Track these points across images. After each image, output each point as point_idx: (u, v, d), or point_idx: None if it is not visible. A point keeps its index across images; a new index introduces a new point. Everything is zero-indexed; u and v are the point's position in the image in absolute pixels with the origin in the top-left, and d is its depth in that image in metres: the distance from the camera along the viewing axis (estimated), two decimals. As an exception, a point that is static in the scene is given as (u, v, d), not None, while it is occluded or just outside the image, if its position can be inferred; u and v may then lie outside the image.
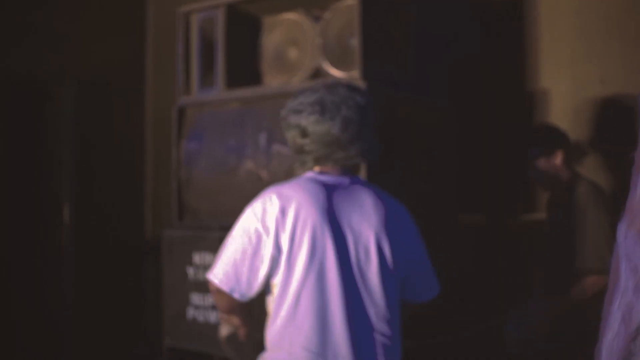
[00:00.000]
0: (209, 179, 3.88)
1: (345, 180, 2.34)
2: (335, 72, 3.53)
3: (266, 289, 2.30)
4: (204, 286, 3.81)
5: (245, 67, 3.92)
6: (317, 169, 2.37)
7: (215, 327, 3.76)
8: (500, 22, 4.31)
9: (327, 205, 2.23)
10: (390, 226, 2.29)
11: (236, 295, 2.25)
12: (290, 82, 3.70)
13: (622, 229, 1.49)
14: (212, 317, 3.78)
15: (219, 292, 2.29)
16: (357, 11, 3.39)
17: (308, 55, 3.66)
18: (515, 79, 4.22)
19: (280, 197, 2.27)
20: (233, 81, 3.88)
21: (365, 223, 2.26)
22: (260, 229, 2.23)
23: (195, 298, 3.86)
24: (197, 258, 3.85)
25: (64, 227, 5.68)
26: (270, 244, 2.21)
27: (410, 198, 3.56)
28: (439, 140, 3.83)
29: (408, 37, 3.75)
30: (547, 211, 3.49)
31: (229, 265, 2.25)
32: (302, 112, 2.30)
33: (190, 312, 3.89)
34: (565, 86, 4.05)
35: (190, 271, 3.89)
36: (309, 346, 2.15)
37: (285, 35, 3.84)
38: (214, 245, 3.77)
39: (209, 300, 3.79)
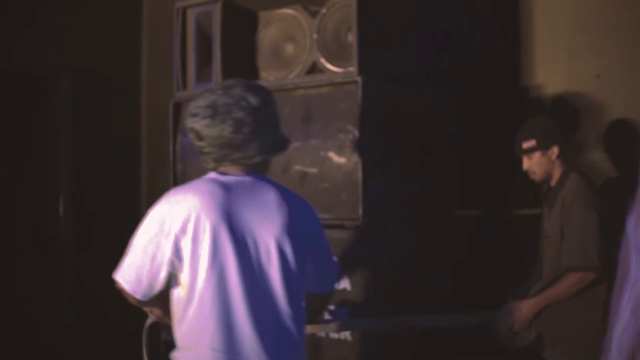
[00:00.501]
0: (206, 174, 3.88)
1: (247, 179, 2.37)
2: (332, 68, 3.53)
3: (175, 286, 2.33)
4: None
5: (241, 62, 3.92)
6: (221, 169, 2.41)
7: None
8: (496, 17, 4.32)
9: (226, 206, 2.26)
10: (293, 223, 2.32)
11: (138, 297, 2.31)
12: (287, 78, 3.70)
13: (631, 222, 1.49)
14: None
15: (124, 291, 2.35)
16: (354, 6, 3.39)
17: (305, 50, 3.66)
18: (511, 74, 4.23)
19: (180, 200, 2.30)
20: (229, 76, 3.86)
21: (266, 222, 2.29)
22: (160, 233, 2.25)
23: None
24: (195, 253, 3.86)
25: (59, 220, 5.69)
26: (169, 247, 2.24)
27: (408, 192, 3.60)
28: (438, 135, 3.84)
29: (406, 32, 3.75)
30: (543, 205, 3.51)
31: (132, 268, 2.30)
32: (197, 116, 2.34)
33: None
34: (561, 81, 4.06)
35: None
36: (215, 345, 2.20)
37: (282, 31, 3.84)
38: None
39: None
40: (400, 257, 3.34)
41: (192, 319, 2.24)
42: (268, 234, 2.28)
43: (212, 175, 2.40)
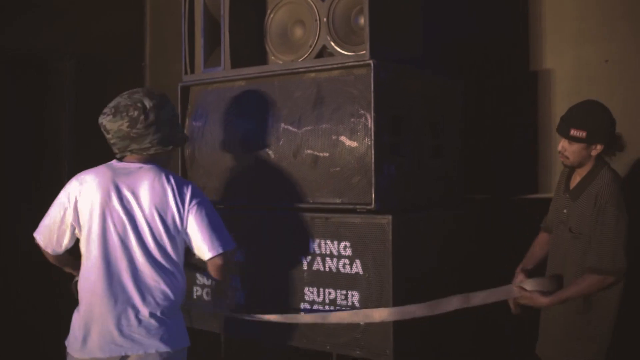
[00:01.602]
0: (215, 158, 3.87)
1: (134, 165, 2.99)
2: (342, 51, 3.52)
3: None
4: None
5: (250, 46, 3.90)
6: (125, 158, 3.03)
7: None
8: (505, 2, 4.31)
9: (111, 185, 2.92)
10: (162, 201, 2.92)
11: (49, 251, 3.03)
12: (296, 61, 3.69)
13: None
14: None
15: (40, 247, 3.05)
16: (364, -11, 3.37)
17: (314, 33, 3.64)
18: (520, 59, 4.22)
19: (80, 178, 2.98)
20: (238, 60, 3.86)
21: (143, 198, 2.91)
22: (66, 202, 2.95)
23: (201, 277, 3.86)
24: (203, 237, 3.85)
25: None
26: (70, 214, 2.94)
27: (419, 176, 3.60)
28: (447, 118, 3.84)
29: (416, 15, 3.74)
30: (558, 191, 3.45)
31: (45, 228, 3.01)
32: (104, 114, 2.97)
33: (196, 291, 3.90)
34: (570, 66, 4.06)
35: (196, 250, 3.89)
36: (96, 290, 2.87)
37: (291, 14, 3.82)
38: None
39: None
40: (411, 241, 3.34)
41: (83, 273, 2.94)
42: (138, 207, 2.91)
43: (112, 161, 3.04)
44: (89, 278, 2.90)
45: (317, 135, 3.46)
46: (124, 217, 2.90)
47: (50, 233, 2.99)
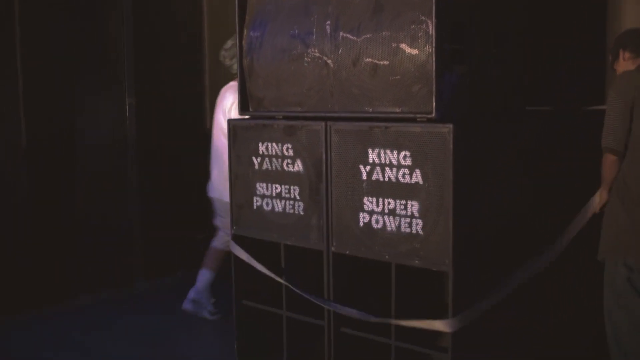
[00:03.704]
0: (273, 68, 3.84)
1: None
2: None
3: None
4: (270, 175, 3.84)
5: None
6: None
7: (280, 215, 3.82)
8: None
9: None
10: None
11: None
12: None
13: None
14: (278, 206, 3.82)
15: None
16: None
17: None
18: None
19: None
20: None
21: None
22: None
23: (261, 187, 3.89)
24: (262, 148, 3.86)
25: (126, 120, 5.76)
26: None
27: (481, 85, 3.51)
28: (511, 26, 3.71)
29: None
30: None
31: None
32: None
33: (256, 202, 3.93)
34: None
35: (256, 160, 3.91)
36: None
37: None
38: (279, 134, 3.78)
39: (275, 189, 3.82)
40: (472, 150, 3.28)
41: None
42: None
43: None
44: None
45: (377, 43, 3.38)
46: None
47: None
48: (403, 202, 3.32)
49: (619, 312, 3.27)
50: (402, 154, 3.30)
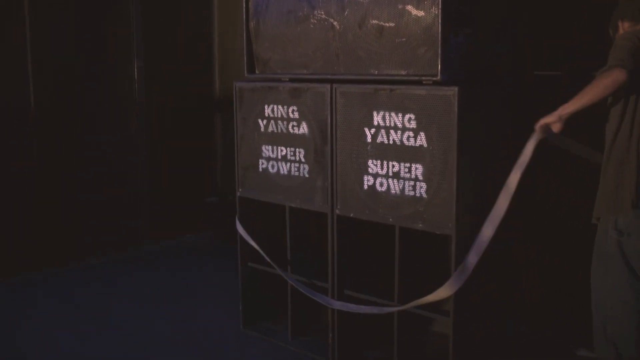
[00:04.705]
0: (279, 30, 3.81)
1: None
2: None
3: None
4: (275, 138, 3.84)
5: None
6: None
7: (285, 178, 3.83)
8: None
9: None
10: None
11: None
12: None
13: None
14: (283, 168, 3.83)
15: None
16: None
17: None
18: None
19: None
20: None
21: None
22: None
23: (266, 150, 3.89)
24: (268, 110, 3.86)
25: (134, 82, 5.76)
26: None
27: (488, 48, 3.48)
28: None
29: None
30: None
31: None
32: None
33: (262, 164, 3.94)
34: None
35: (262, 123, 3.90)
36: None
37: None
38: (285, 97, 3.77)
39: (280, 152, 3.82)
40: (477, 114, 3.27)
41: None
42: None
43: None
44: None
45: (383, 5, 3.35)
46: None
47: None
48: (407, 165, 3.31)
49: (605, 277, 3.24)
50: (407, 116, 3.29)
